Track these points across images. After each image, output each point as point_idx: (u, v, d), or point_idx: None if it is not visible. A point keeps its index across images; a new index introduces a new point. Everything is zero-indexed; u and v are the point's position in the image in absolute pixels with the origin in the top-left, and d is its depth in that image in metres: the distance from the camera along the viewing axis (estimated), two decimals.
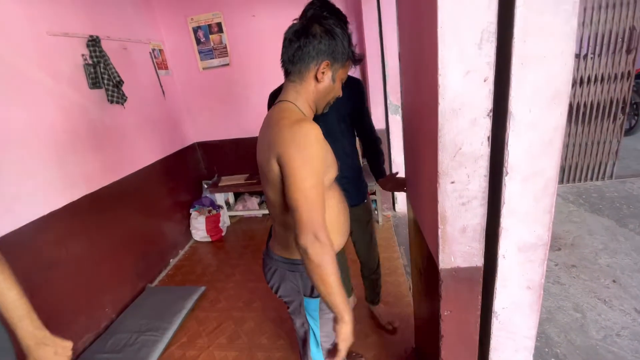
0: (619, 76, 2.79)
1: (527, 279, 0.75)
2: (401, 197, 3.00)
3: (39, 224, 1.66)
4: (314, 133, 0.79)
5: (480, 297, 0.79)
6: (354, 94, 1.36)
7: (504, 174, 0.65)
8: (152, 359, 1.70)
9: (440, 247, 0.75)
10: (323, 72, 0.86)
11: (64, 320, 1.74)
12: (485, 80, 0.60)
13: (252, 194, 3.42)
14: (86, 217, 1.95)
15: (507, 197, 0.67)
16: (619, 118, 2.90)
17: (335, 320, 0.83)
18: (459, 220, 0.71)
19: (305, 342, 1.08)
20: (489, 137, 0.64)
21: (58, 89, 1.85)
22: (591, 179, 3.13)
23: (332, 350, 0.86)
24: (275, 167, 0.83)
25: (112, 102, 2.17)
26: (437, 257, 0.76)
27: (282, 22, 3.19)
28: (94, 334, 1.91)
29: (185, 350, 1.79)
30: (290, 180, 0.79)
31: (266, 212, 3.32)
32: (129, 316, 2.01)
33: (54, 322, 1.67)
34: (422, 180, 0.88)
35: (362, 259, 1.68)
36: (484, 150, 0.65)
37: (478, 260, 0.75)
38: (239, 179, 3.20)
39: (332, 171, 0.92)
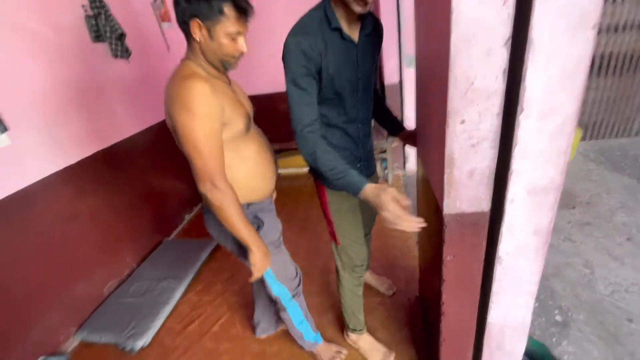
0: None
1: (535, 223, 0.73)
2: (412, 156, 2.94)
3: (55, 179, 1.72)
4: (198, 89, 0.85)
5: (485, 243, 0.78)
6: (379, 38, 1.10)
7: (519, 112, 0.61)
8: (171, 303, 1.83)
9: (446, 192, 0.73)
10: (195, 32, 0.88)
11: (88, 267, 1.87)
12: (504, 4, 0.54)
13: None
14: (101, 172, 2.01)
15: (520, 137, 0.63)
16: None
17: (249, 249, 1.00)
18: (467, 163, 0.68)
19: (262, 280, 1.18)
20: (505, 70, 0.59)
21: (60, 42, 1.81)
22: (616, 135, 2.96)
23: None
24: (170, 122, 0.92)
25: (116, 56, 2.12)
26: (442, 202, 0.75)
27: None
28: (118, 280, 2.05)
29: (201, 297, 1.91)
30: (180, 133, 0.87)
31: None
32: (149, 266, 2.14)
33: (79, 269, 1.82)
34: (431, 123, 0.84)
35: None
36: (499, 85, 0.60)
37: (485, 205, 0.73)
38: None
39: (240, 121, 0.97)
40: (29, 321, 1.55)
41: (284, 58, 0.92)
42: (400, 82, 2.70)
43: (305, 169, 3.23)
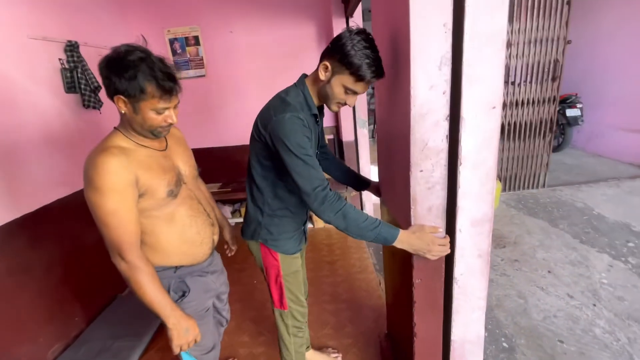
0: (546, 100, 3.32)
1: (478, 248, 0.95)
2: (368, 203, 3.23)
3: (9, 228, 1.62)
4: (104, 165, 0.87)
5: (444, 266, 0.98)
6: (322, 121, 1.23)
7: (459, 164, 0.86)
8: None
9: (412, 224, 0.93)
10: (121, 106, 0.91)
11: (30, 328, 1.67)
12: (444, 93, 0.81)
13: (225, 202, 3.46)
14: (60, 221, 1.91)
15: (461, 182, 0.88)
16: (548, 136, 3.42)
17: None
18: (426, 201, 0.91)
19: None
20: (447, 136, 0.85)
21: (35, 91, 1.84)
22: (527, 187, 3.62)
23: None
24: None
25: (87, 106, 2.17)
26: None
27: (258, 39, 3.40)
28: (64, 343, 1.83)
29: (164, 353, 1.79)
30: (90, 208, 0.91)
31: (239, 220, 3.37)
32: (101, 325, 1.96)
33: (19, 330, 1.60)
34: (396, 173, 1.07)
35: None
36: (444, 145, 0.86)
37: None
38: (212, 187, 3.24)
39: (161, 189, 0.97)
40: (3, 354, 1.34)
41: (281, 132, 0.93)
42: (356, 139, 3.08)
43: None
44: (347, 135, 3.08)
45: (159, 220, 1.01)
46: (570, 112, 4.35)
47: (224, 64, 3.04)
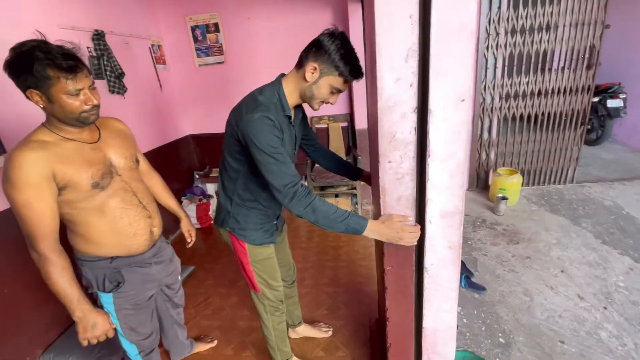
0: (580, 89, 3.07)
1: (448, 240, 0.96)
2: None
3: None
4: (17, 159, 0.89)
5: (414, 255, 1.01)
6: (305, 122, 1.30)
7: (427, 156, 0.87)
8: None
9: (382, 213, 0.96)
10: (37, 101, 0.92)
11: None
12: (411, 85, 0.82)
13: None
14: None
15: (430, 174, 0.89)
16: (579, 128, 3.19)
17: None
18: (395, 192, 0.93)
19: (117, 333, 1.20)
20: (415, 128, 0.86)
21: None
22: (554, 182, 3.41)
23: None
24: None
25: (112, 92, 2.34)
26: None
27: (275, 25, 3.42)
28: None
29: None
30: (9, 203, 0.93)
31: None
32: None
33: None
34: (371, 164, 1.09)
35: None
36: (412, 137, 0.86)
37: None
38: None
39: (85, 181, 0.99)
40: None
41: (251, 132, 0.96)
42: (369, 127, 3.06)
43: None
44: (360, 124, 3.06)
45: (87, 211, 1.03)
46: (611, 103, 3.98)
47: (242, 50, 3.12)
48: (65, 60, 0.90)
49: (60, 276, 0.97)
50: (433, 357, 1.15)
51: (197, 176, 3.46)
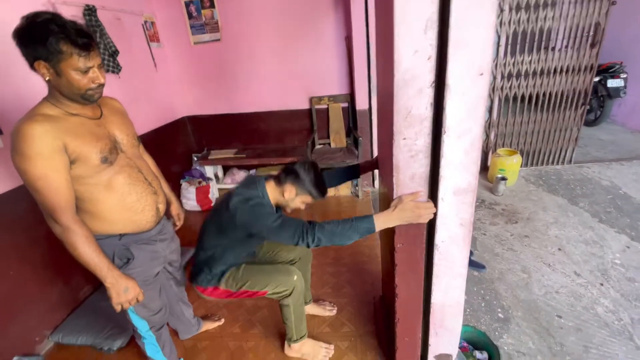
0: (583, 68, 3.04)
1: (460, 217, 0.96)
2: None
3: (14, 194, 1.66)
4: (27, 131, 0.88)
5: (425, 233, 1.01)
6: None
7: (443, 133, 0.85)
8: None
9: (395, 192, 0.96)
10: (44, 73, 0.91)
11: (65, 271, 1.90)
12: (428, 58, 0.79)
13: (240, 167, 3.57)
14: None
15: (444, 151, 0.87)
16: (580, 108, 3.18)
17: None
18: (409, 170, 0.92)
19: None
20: (431, 103, 0.84)
21: None
22: (552, 163, 3.43)
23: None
24: None
25: (107, 71, 2.26)
26: (392, 198, 0.97)
27: (273, 2, 3.27)
28: (92, 286, 2.08)
29: None
30: (20, 176, 0.92)
31: None
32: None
33: (55, 272, 1.81)
34: (384, 141, 1.08)
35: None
36: (428, 113, 0.85)
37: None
38: (227, 153, 3.35)
39: (94, 156, 0.99)
40: (4, 321, 1.57)
41: (256, 217, 1.16)
42: (370, 107, 3.02)
43: None
44: (361, 104, 3.02)
45: (96, 187, 1.03)
46: (611, 83, 3.96)
47: (238, 27, 3.01)
48: (80, 37, 0.89)
49: (86, 246, 0.98)
50: (440, 332, 1.18)
51: (195, 158, 3.42)
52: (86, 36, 0.91)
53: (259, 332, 1.73)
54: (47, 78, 0.92)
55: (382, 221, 1.00)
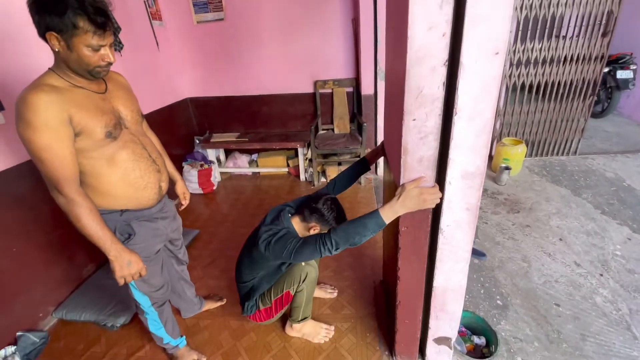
0: (593, 58, 2.97)
1: (467, 202, 0.96)
2: (381, 163, 3.21)
3: (18, 171, 1.65)
4: (33, 100, 0.87)
5: (430, 216, 1.00)
6: None
7: (454, 114, 0.84)
8: None
9: (402, 174, 0.94)
10: (54, 44, 0.90)
11: (69, 248, 1.91)
12: (443, 35, 0.77)
13: (242, 151, 3.55)
14: None
15: (455, 133, 0.86)
16: (588, 98, 3.13)
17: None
18: (418, 152, 0.90)
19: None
20: (444, 82, 0.81)
21: None
22: (557, 153, 3.40)
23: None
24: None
25: None
26: (399, 183, 0.96)
27: None
28: (96, 264, 2.09)
29: None
30: (24, 146, 0.91)
31: (257, 170, 3.49)
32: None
33: (59, 249, 1.81)
34: (392, 122, 1.06)
35: None
36: (440, 93, 0.82)
37: (430, 185, 0.95)
38: (230, 137, 3.32)
39: (98, 130, 0.98)
40: (7, 297, 1.59)
41: (283, 246, 1.20)
42: (375, 93, 2.97)
43: (284, 169, 3.41)
44: (366, 89, 2.97)
45: (99, 161, 1.02)
46: (621, 74, 3.89)
47: (242, 6, 2.93)
48: (99, 16, 0.89)
49: (90, 218, 0.98)
50: (440, 315, 1.19)
51: (197, 141, 3.39)
52: (104, 15, 0.90)
53: None
54: (56, 49, 0.91)
55: (389, 212, 0.99)
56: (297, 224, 1.35)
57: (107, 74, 1.03)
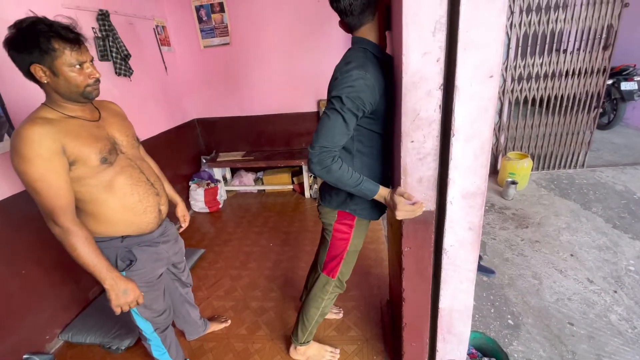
0: (595, 71, 2.98)
1: (469, 221, 0.95)
2: None
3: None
4: (26, 133, 0.89)
5: (433, 236, 1.00)
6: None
7: (452, 135, 0.85)
8: None
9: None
10: (41, 76, 0.92)
11: (75, 272, 1.93)
12: (437, 60, 0.79)
13: (248, 170, 3.60)
14: None
15: (453, 154, 0.87)
16: (593, 111, 3.12)
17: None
18: (417, 172, 0.91)
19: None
20: (440, 106, 0.83)
21: None
22: (564, 167, 3.37)
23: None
24: None
25: (119, 74, 2.30)
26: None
27: (282, 5, 3.32)
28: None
29: None
30: (20, 178, 0.92)
31: (262, 187, 3.51)
32: None
33: (66, 272, 1.81)
34: (394, 144, 1.07)
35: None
36: (437, 115, 0.84)
37: (431, 205, 0.95)
38: (236, 156, 3.37)
39: (93, 157, 0.99)
40: (16, 319, 1.60)
41: (338, 84, 0.93)
42: None
43: (289, 187, 3.43)
44: None
45: (97, 188, 1.03)
46: (625, 86, 3.88)
47: (248, 31, 3.04)
48: (69, 32, 0.92)
49: (85, 247, 0.98)
50: (448, 337, 1.16)
51: (204, 160, 3.45)
52: (73, 31, 0.93)
53: (265, 334, 1.73)
54: (45, 81, 0.93)
55: (381, 195, 0.99)
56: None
57: (99, 93, 1.03)
